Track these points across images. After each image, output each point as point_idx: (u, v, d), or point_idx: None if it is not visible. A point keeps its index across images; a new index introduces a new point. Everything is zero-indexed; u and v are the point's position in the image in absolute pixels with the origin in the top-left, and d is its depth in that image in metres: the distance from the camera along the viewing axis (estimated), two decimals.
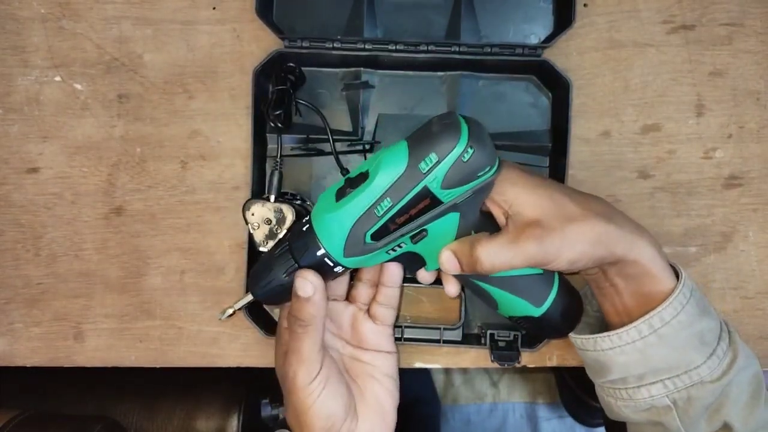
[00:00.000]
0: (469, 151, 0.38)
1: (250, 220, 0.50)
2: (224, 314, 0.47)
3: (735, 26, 0.55)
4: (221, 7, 0.56)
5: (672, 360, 0.41)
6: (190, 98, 0.56)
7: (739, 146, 0.55)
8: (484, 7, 0.54)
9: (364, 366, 0.48)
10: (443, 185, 0.38)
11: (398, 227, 0.40)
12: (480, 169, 0.39)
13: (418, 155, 0.38)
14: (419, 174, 0.38)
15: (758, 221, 0.55)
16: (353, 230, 0.40)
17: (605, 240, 0.40)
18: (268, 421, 0.73)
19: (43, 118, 0.56)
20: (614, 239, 0.40)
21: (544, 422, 1.16)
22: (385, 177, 0.39)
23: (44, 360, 0.56)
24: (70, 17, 0.56)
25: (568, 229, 0.39)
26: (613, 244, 0.40)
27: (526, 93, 0.55)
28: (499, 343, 0.52)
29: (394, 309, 0.49)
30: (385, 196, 0.39)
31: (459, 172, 0.38)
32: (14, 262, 0.56)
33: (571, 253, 0.39)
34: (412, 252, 0.43)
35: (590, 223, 0.40)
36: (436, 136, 0.38)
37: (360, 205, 0.39)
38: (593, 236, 0.39)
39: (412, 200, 0.39)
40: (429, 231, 0.41)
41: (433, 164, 0.38)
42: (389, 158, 0.39)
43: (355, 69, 0.54)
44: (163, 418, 0.67)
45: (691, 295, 0.41)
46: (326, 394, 0.43)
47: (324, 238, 0.41)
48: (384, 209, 0.39)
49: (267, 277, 0.43)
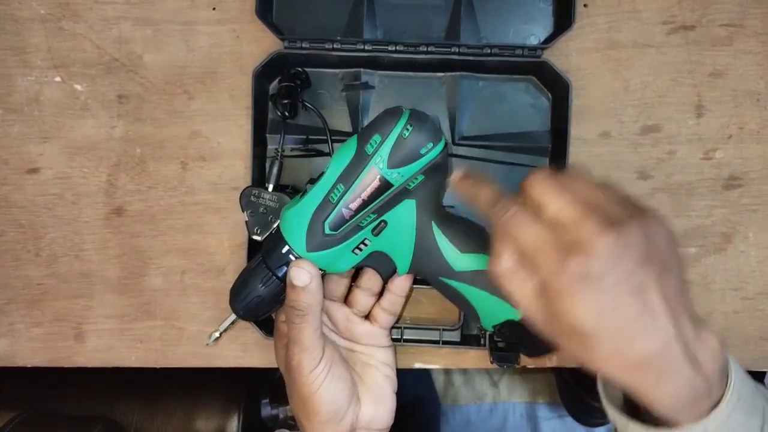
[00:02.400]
0: (409, 128, 0.41)
1: (245, 208, 0.50)
2: (211, 339, 0.48)
3: (735, 27, 0.55)
4: (221, 7, 0.56)
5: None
6: (190, 99, 0.56)
7: (739, 147, 0.55)
8: (484, 8, 0.54)
9: (359, 355, 0.48)
10: (389, 164, 0.41)
11: (354, 214, 0.42)
12: (421, 145, 0.41)
13: (364, 140, 0.41)
14: (366, 156, 0.41)
15: (758, 222, 0.55)
16: (312, 221, 0.42)
17: (587, 362, 0.34)
18: (268, 421, 0.73)
19: (43, 118, 0.56)
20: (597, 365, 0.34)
21: (544, 422, 1.16)
22: (337, 165, 0.42)
23: (45, 360, 0.56)
24: (70, 18, 0.56)
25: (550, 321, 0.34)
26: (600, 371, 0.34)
27: (526, 94, 0.55)
28: (499, 344, 0.52)
29: (395, 316, 0.49)
30: (338, 182, 0.41)
31: (401, 149, 0.41)
32: (15, 263, 0.56)
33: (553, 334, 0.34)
34: (379, 252, 0.45)
35: (567, 330, 0.33)
36: (379, 120, 0.42)
37: (316, 196, 0.42)
38: (574, 351, 0.33)
39: (363, 182, 0.41)
40: (388, 221, 0.43)
41: (378, 144, 0.41)
42: (341, 149, 0.42)
43: (354, 70, 0.54)
44: (163, 418, 0.67)
45: (738, 399, 0.35)
46: (330, 379, 0.43)
47: (287, 234, 0.43)
48: (337, 195, 0.41)
49: (244, 291, 0.44)
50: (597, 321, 0.31)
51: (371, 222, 0.43)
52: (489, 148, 0.54)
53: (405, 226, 0.44)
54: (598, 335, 0.32)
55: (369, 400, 0.46)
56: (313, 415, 0.43)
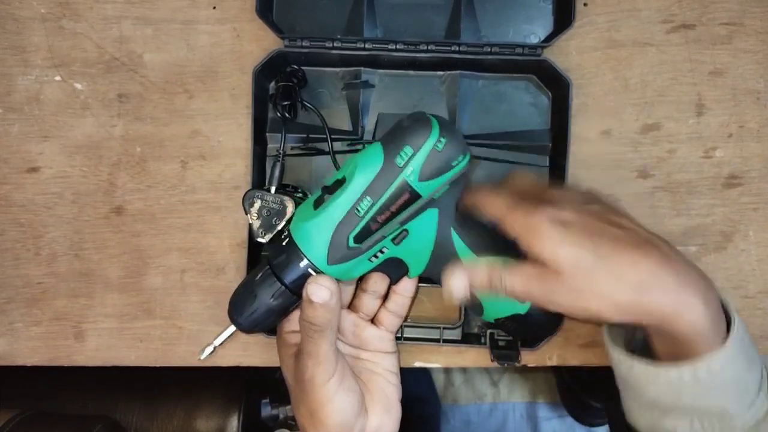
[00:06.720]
0: (442, 140, 0.39)
1: (249, 210, 0.50)
2: (204, 353, 0.46)
3: (735, 25, 0.55)
4: (221, 6, 0.56)
5: (707, 405, 0.39)
6: (190, 98, 0.56)
7: (740, 145, 0.55)
8: (484, 7, 0.54)
9: (365, 363, 0.48)
10: (420, 177, 0.39)
11: (380, 226, 0.40)
12: (453, 158, 0.40)
13: (393, 151, 0.39)
14: (396, 169, 0.39)
15: (759, 220, 0.55)
16: (335, 234, 0.40)
17: (628, 312, 0.37)
18: (268, 421, 0.73)
19: (43, 117, 0.56)
20: (641, 313, 0.37)
21: (544, 422, 1.16)
22: (363, 177, 0.40)
23: (44, 359, 0.56)
24: (70, 17, 0.56)
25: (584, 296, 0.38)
26: (638, 317, 0.38)
27: (526, 92, 0.55)
28: (499, 343, 0.52)
29: (401, 318, 0.49)
30: (365, 195, 0.39)
31: (434, 162, 0.39)
32: (14, 262, 0.56)
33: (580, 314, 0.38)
34: (395, 258, 0.44)
35: (610, 297, 0.37)
36: (409, 130, 0.40)
37: (340, 208, 0.40)
38: (610, 308, 0.37)
39: (392, 196, 0.39)
40: (410, 230, 0.42)
41: (409, 157, 0.39)
42: (365, 159, 0.40)
43: (355, 68, 0.54)
44: (163, 418, 0.67)
45: (740, 346, 0.38)
46: (342, 392, 0.43)
47: (306, 248, 0.41)
48: (365, 208, 0.40)
49: (251, 305, 0.42)
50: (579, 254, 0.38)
51: (394, 232, 0.42)
52: (489, 146, 0.54)
53: (426, 234, 0.43)
54: (594, 268, 0.37)
55: (376, 410, 0.46)
56: (322, 427, 0.43)
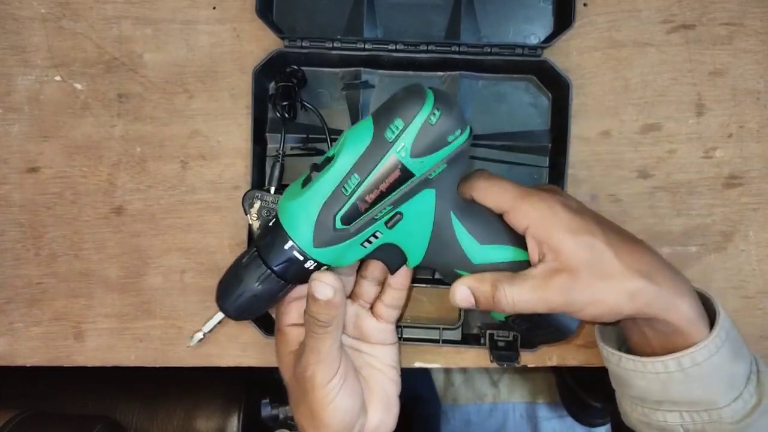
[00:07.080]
0: (436, 113, 0.36)
1: (249, 211, 0.50)
2: (194, 339, 0.45)
3: (735, 26, 0.55)
4: (221, 6, 0.56)
5: (694, 396, 0.40)
6: (190, 98, 0.56)
7: (740, 146, 0.55)
8: (484, 7, 0.54)
9: (365, 356, 0.47)
10: (412, 153, 0.36)
11: (369, 207, 0.38)
12: (449, 132, 0.37)
13: (383, 125, 0.36)
14: (386, 143, 0.36)
15: (758, 221, 0.55)
16: (321, 214, 0.38)
17: (639, 301, 0.38)
18: (268, 421, 0.73)
19: (43, 117, 0.56)
20: (649, 301, 0.38)
21: (544, 422, 1.16)
22: (351, 153, 0.37)
23: (44, 360, 0.56)
24: (70, 17, 0.56)
25: (599, 287, 0.38)
26: (646, 306, 0.39)
27: (526, 93, 0.55)
28: (499, 343, 0.52)
29: (399, 309, 0.49)
30: (352, 172, 0.37)
31: (427, 136, 0.36)
32: (14, 262, 0.56)
33: (595, 310, 0.39)
34: (390, 244, 0.41)
35: (624, 284, 0.38)
36: (401, 101, 0.37)
37: (326, 186, 0.37)
38: (624, 298, 0.38)
39: (381, 173, 0.37)
40: (404, 213, 0.39)
41: (400, 131, 0.36)
42: (354, 134, 0.37)
43: (354, 69, 0.54)
44: (163, 418, 0.67)
45: (726, 338, 0.39)
46: (344, 391, 0.42)
47: (291, 229, 0.38)
48: (352, 186, 0.37)
49: (236, 289, 0.40)
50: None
51: (386, 214, 0.38)
52: (489, 146, 0.54)
53: (422, 218, 0.40)
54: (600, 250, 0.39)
55: (376, 407, 0.45)
56: (323, 427, 0.42)
